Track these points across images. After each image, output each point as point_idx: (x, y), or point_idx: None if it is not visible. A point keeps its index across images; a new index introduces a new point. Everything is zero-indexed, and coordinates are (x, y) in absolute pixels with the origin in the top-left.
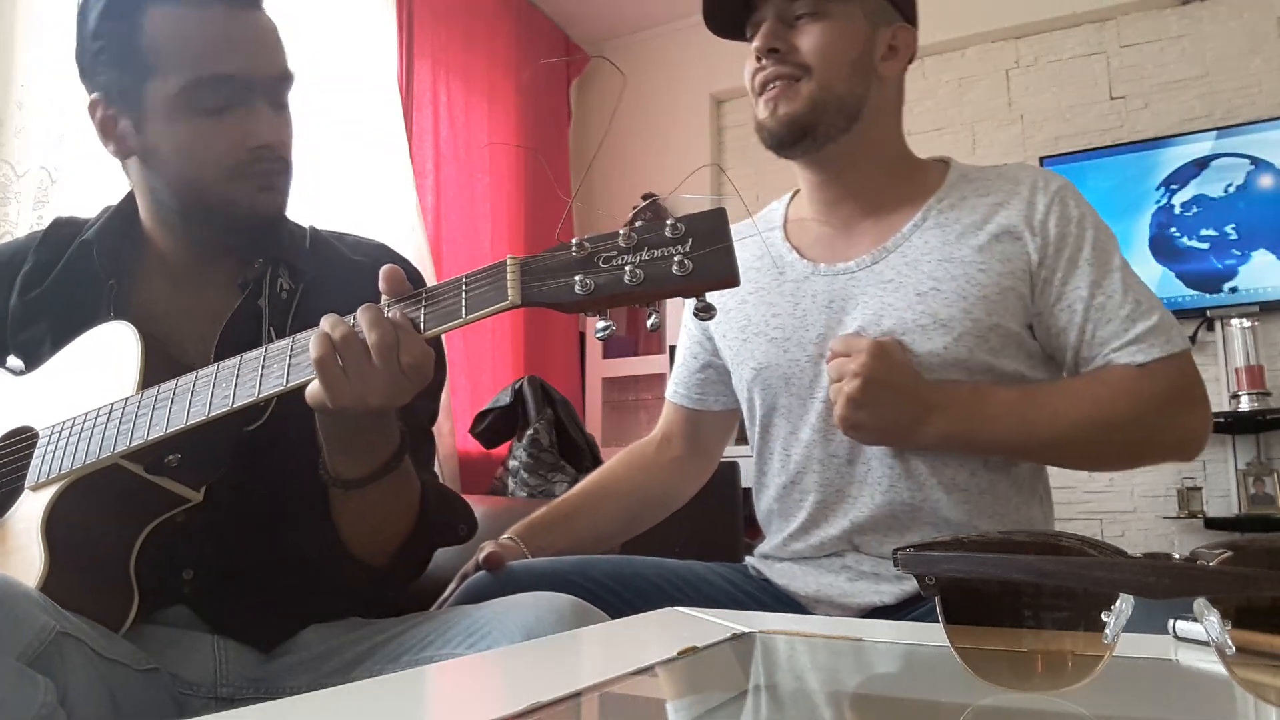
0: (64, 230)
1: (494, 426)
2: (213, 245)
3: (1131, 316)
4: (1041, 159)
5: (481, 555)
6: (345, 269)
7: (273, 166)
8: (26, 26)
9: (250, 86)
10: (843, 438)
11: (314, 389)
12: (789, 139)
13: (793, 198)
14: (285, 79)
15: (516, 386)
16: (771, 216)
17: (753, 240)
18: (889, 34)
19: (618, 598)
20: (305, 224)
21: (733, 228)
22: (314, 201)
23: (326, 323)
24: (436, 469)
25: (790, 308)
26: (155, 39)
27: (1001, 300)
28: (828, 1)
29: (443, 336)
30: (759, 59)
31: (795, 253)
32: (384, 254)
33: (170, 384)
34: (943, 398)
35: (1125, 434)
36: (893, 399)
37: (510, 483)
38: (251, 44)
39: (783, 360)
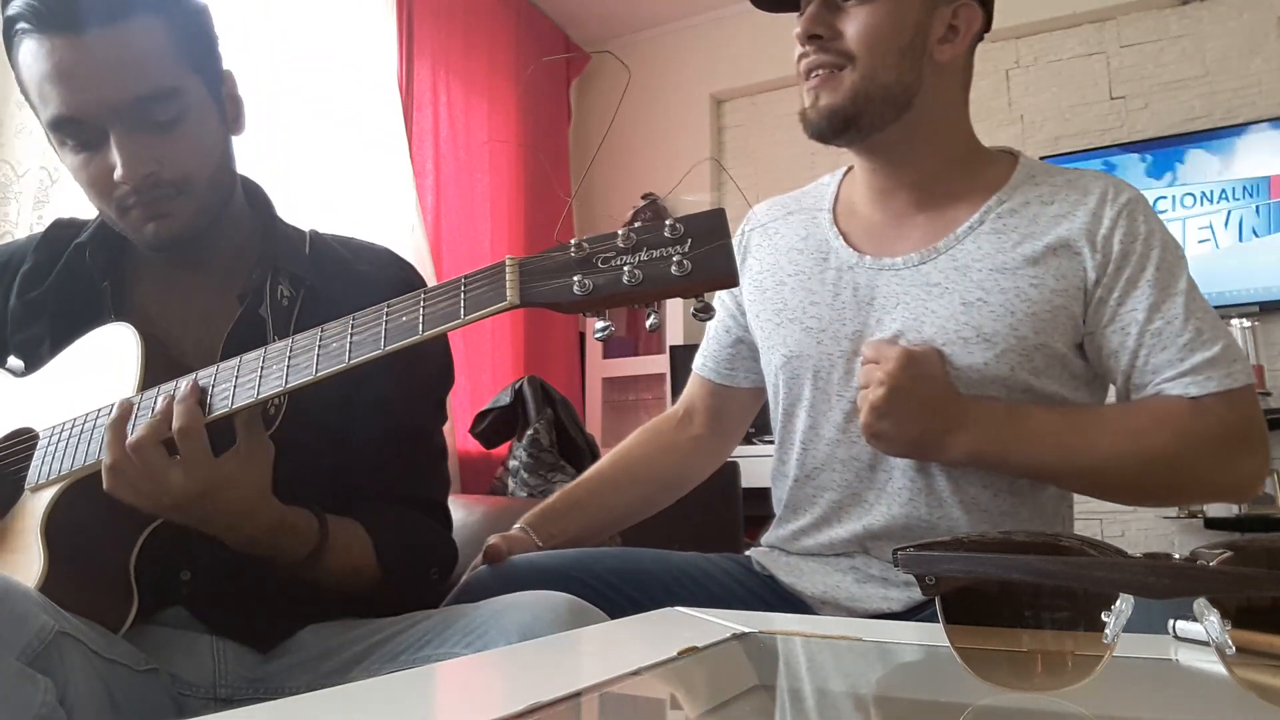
0: (63, 231)
1: (494, 426)
2: (184, 255)
3: (1190, 345)
4: (1041, 159)
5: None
6: (346, 276)
7: (154, 195)
8: None
9: (102, 123)
10: (866, 444)
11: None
12: (830, 131)
13: (846, 174)
14: (149, 99)
15: (516, 386)
16: (821, 193)
17: (798, 219)
18: (948, 13)
19: (621, 593)
20: (305, 228)
21: (780, 201)
22: (314, 201)
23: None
24: None
25: (830, 298)
26: (23, 75)
27: (1051, 319)
28: None
29: (448, 341)
30: (802, 44)
31: (842, 239)
32: (388, 261)
33: (170, 385)
34: (975, 413)
35: (1168, 471)
36: (919, 411)
37: (510, 483)
38: (96, 74)
39: (814, 351)
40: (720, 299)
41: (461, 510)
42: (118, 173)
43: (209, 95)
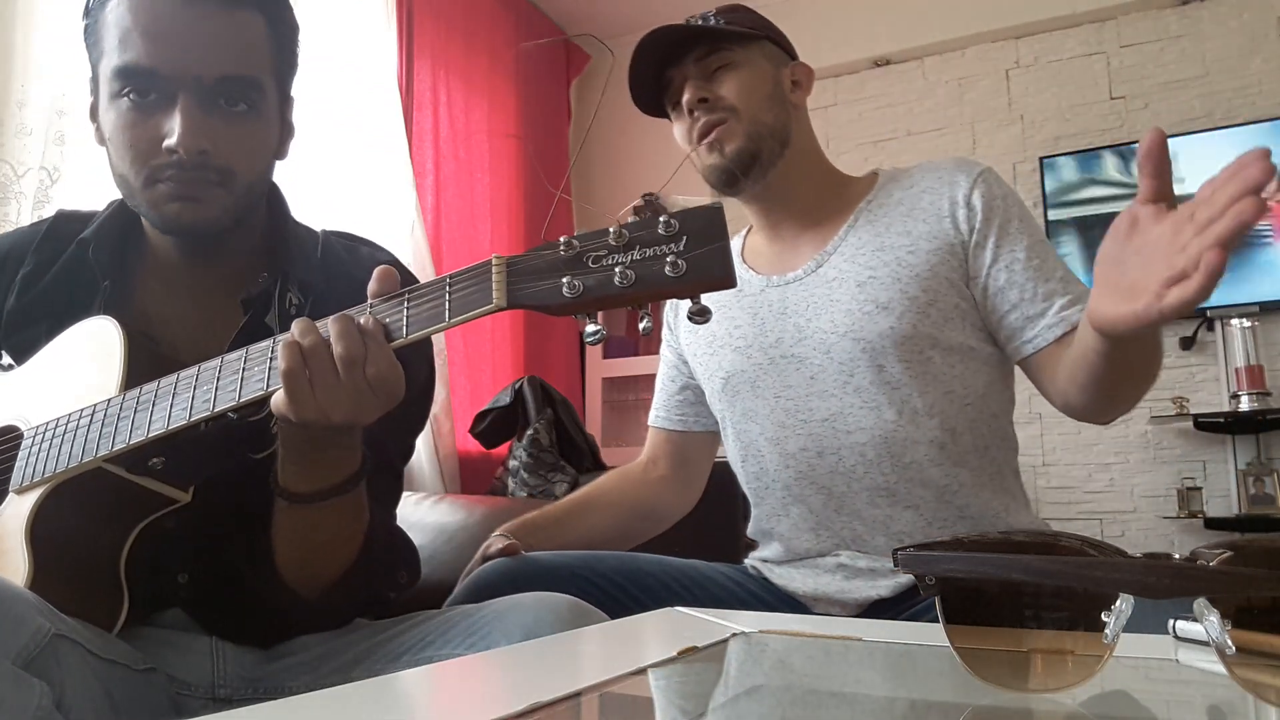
0: (66, 227)
1: (494, 426)
2: (195, 249)
3: (1064, 279)
4: (1041, 159)
5: (492, 549)
6: (353, 283)
7: (195, 175)
8: (27, 26)
9: (175, 86)
10: (811, 431)
11: (278, 398)
12: (740, 169)
13: (747, 233)
14: (232, 82)
15: (516, 386)
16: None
17: None
18: (789, 72)
19: (624, 593)
20: (317, 228)
21: None
22: (314, 201)
23: (297, 329)
24: (436, 471)
25: (749, 318)
26: (109, 18)
27: (933, 277)
28: (734, 51)
29: (437, 379)
30: (690, 112)
31: (751, 271)
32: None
33: (152, 385)
34: None
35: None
36: None
37: (510, 483)
38: (191, 40)
39: (747, 366)
40: (663, 355)
41: (462, 510)
42: (172, 139)
43: (277, 109)
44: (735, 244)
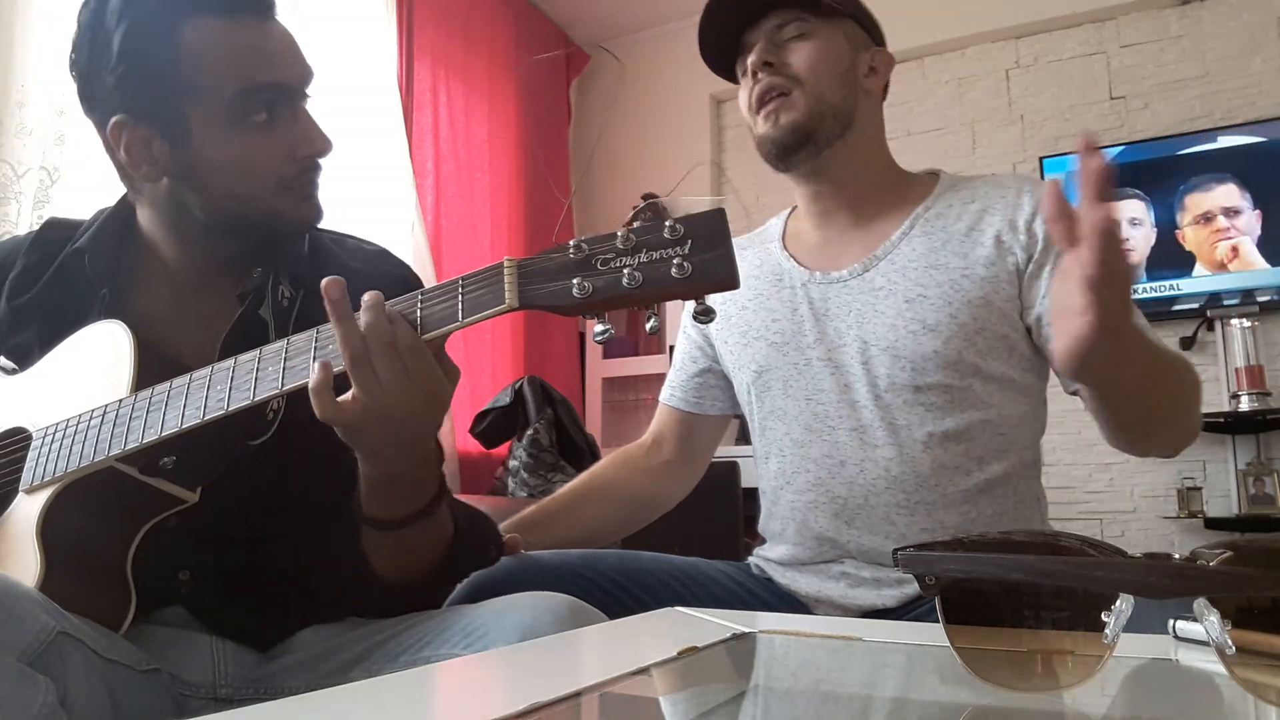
0: (56, 233)
1: (494, 426)
2: (225, 255)
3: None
4: (1041, 159)
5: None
6: (347, 271)
7: (315, 176)
8: (27, 26)
9: (294, 95)
10: (837, 440)
11: (330, 408)
12: (792, 145)
13: (789, 215)
14: (310, 84)
15: (516, 386)
16: (770, 230)
17: (752, 251)
18: (869, 56)
19: (624, 593)
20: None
21: (733, 240)
22: None
23: (365, 316)
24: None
25: (789, 313)
26: (195, 54)
27: (985, 305)
28: (812, 23)
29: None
30: (754, 75)
31: (792, 261)
32: (382, 259)
33: (164, 386)
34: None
35: (1191, 388)
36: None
37: (510, 483)
38: (285, 52)
39: (782, 364)
40: (685, 332)
41: None
42: (310, 146)
43: None
44: (777, 225)
